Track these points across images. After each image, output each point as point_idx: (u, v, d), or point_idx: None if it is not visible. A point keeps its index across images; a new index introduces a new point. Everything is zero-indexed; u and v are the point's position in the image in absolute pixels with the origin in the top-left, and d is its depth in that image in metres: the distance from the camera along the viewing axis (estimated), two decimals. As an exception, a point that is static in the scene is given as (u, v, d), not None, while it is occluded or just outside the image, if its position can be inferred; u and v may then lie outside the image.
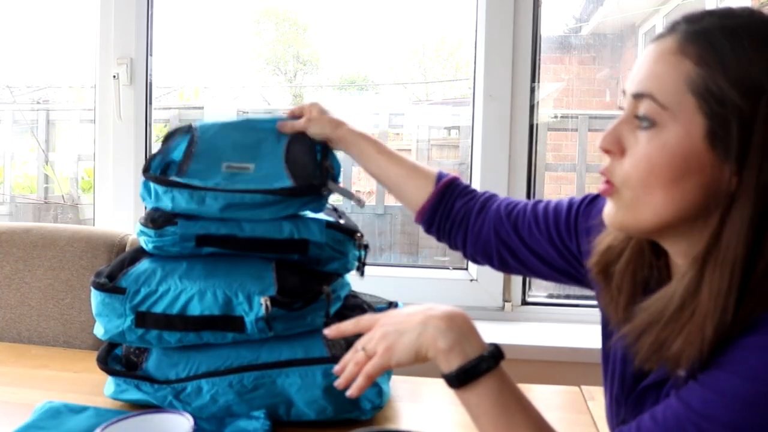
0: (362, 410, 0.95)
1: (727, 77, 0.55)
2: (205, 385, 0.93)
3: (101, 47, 1.61)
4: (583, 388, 1.11)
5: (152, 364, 0.96)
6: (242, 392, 0.92)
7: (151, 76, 1.64)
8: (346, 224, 1.03)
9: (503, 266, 0.91)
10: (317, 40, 2.42)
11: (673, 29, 0.60)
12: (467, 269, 1.61)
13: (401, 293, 1.40)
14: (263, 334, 0.92)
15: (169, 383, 0.94)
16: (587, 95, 1.95)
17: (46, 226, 1.37)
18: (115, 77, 1.59)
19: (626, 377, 0.72)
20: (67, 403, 0.95)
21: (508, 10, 1.49)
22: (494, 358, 0.68)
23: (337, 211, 1.09)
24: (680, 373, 0.61)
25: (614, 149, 0.62)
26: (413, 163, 0.98)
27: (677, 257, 0.65)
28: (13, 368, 1.15)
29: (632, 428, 0.61)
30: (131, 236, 1.34)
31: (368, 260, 1.06)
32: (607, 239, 0.71)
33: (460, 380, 0.67)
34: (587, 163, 1.78)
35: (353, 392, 0.72)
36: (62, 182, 2.20)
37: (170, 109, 2.10)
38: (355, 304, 1.08)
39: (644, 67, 0.61)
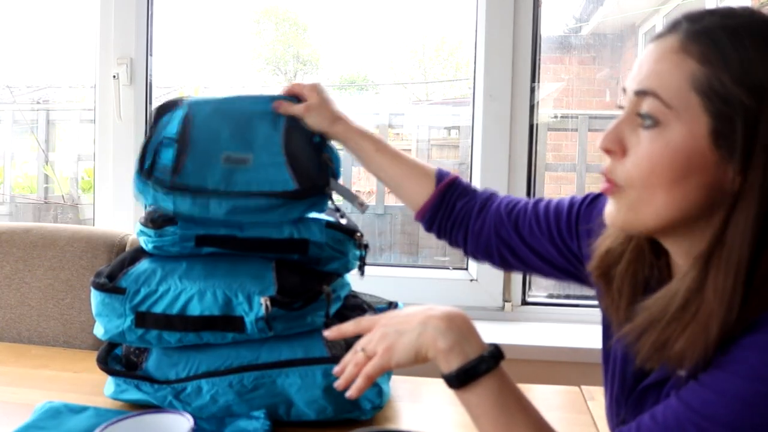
0: (362, 410, 0.95)
1: (731, 75, 0.55)
2: (205, 385, 0.93)
3: (101, 47, 1.61)
4: (583, 388, 1.11)
5: (152, 364, 0.96)
6: (242, 392, 0.92)
7: (151, 76, 1.64)
8: (346, 224, 1.03)
9: (504, 264, 0.91)
10: (317, 40, 2.41)
11: (674, 28, 0.60)
12: (467, 269, 1.61)
13: (401, 293, 1.40)
14: (263, 334, 0.92)
15: (169, 383, 0.94)
16: (587, 95, 1.95)
17: (46, 226, 1.37)
18: (115, 77, 1.59)
19: (627, 377, 0.72)
20: (67, 403, 0.95)
21: (508, 10, 1.49)
22: (494, 358, 0.68)
23: (338, 210, 1.08)
24: (681, 372, 0.61)
25: (615, 149, 0.61)
26: (413, 161, 0.97)
27: (678, 256, 0.65)
28: (13, 368, 1.15)
29: (632, 428, 0.61)
30: (131, 236, 1.34)
31: (368, 260, 1.06)
32: (606, 242, 0.71)
33: (460, 380, 0.67)
34: (587, 163, 1.78)
35: (353, 393, 0.72)
36: (62, 182, 2.20)
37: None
38: (355, 304, 1.08)
39: (646, 65, 0.60)
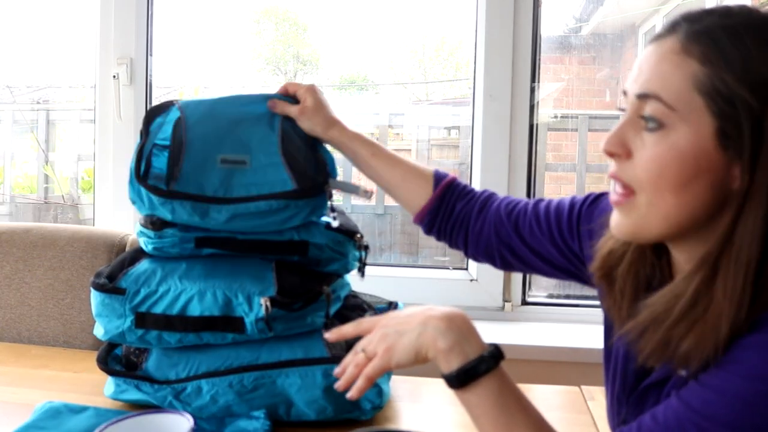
0: (362, 410, 0.95)
1: (733, 75, 0.54)
2: (205, 385, 0.93)
3: (101, 47, 1.61)
4: (583, 388, 1.11)
5: (152, 364, 0.96)
6: (242, 392, 0.92)
7: (151, 76, 1.64)
8: (345, 225, 1.03)
9: (505, 265, 0.91)
10: (317, 40, 2.41)
11: (673, 29, 0.59)
12: (467, 269, 1.61)
13: (401, 293, 1.40)
14: (263, 334, 0.92)
15: (169, 383, 0.94)
16: (587, 95, 1.95)
17: (46, 226, 1.37)
18: (115, 77, 1.59)
19: (628, 376, 0.72)
20: (67, 403, 0.95)
21: (508, 10, 1.49)
22: (494, 358, 0.68)
23: (333, 210, 1.08)
24: (681, 372, 0.61)
25: (620, 152, 0.61)
26: (409, 163, 0.96)
27: (681, 256, 0.65)
28: (13, 368, 1.15)
29: (633, 428, 0.61)
30: (131, 236, 1.34)
31: (368, 260, 1.06)
32: (608, 243, 0.71)
33: (460, 380, 0.67)
34: (587, 163, 1.77)
35: (354, 394, 0.72)
36: (62, 182, 2.20)
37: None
38: (355, 304, 1.08)
39: (647, 67, 0.60)
